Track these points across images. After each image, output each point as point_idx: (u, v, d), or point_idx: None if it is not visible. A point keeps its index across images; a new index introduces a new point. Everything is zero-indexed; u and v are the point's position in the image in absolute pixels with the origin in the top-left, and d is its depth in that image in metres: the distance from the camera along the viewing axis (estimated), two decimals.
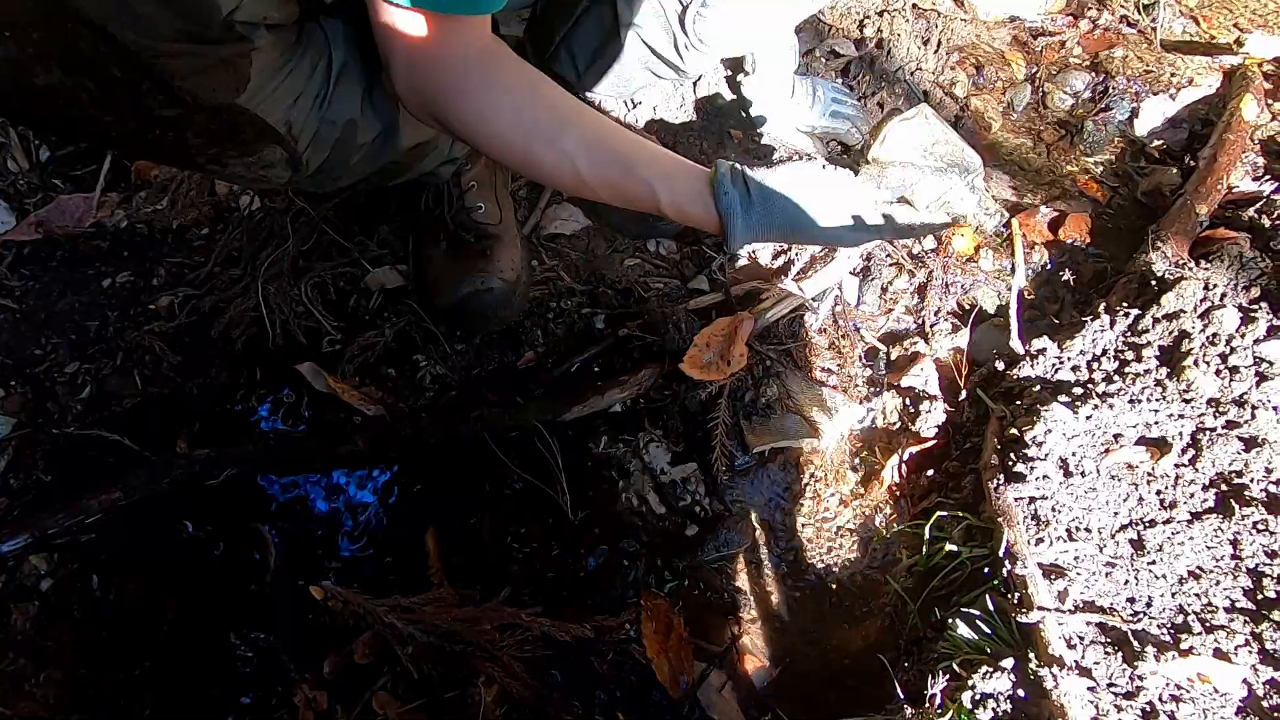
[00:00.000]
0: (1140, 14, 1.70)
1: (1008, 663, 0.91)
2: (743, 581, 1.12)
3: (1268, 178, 1.37)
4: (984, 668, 0.91)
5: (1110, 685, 0.88)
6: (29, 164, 1.43)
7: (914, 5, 1.63)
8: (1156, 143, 1.50)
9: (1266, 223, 1.25)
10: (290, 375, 1.22)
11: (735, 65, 1.38)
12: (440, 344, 1.25)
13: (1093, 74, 1.61)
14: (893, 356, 1.29)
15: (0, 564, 1.05)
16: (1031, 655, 0.91)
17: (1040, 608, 0.91)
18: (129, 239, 1.35)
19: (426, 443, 1.16)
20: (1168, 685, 0.88)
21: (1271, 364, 1.07)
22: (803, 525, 1.17)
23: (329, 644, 1.02)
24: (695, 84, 1.44)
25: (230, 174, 0.77)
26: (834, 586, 1.13)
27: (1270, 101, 1.49)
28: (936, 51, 1.57)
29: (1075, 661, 0.89)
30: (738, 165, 0.82)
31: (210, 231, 1.35)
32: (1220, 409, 1.06)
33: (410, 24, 0.72)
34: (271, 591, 1.08)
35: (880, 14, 1.58)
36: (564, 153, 0.79)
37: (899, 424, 1.24)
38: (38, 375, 1.20)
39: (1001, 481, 1.04)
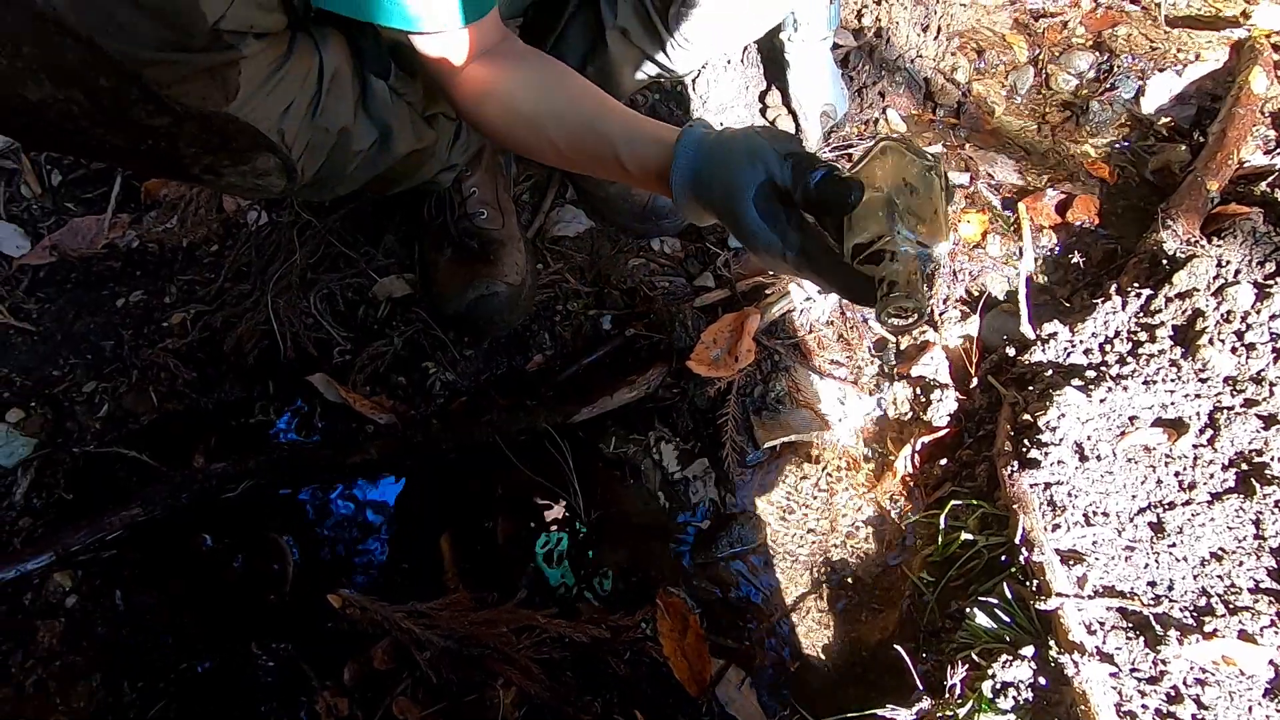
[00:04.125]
0: None
1: (1028, 650, 0.90)
2: (758, 577, 1.11)
3: (1279, 151, 1.35)
4: (1004, 656, 0.90)
5: (1133, 670, 0.87)
6: (41, 189, 1.45)
7: None
8: (1164, 120, 1.48)
9: (1279, 197, 1.23)
10: (302, 387, 1.23)
11: (775, 27, 1.31)
12: (449, 350, 1.25)
13: (1096, 53, 1.59)
14: (902, 346, 1.28)
15: (26, 582, 1.07)
16: (1052, 642, 0.90)
17: (1059, 594, 0.90)
18: (141, 258, 1.37)
19: (438, 449, 1.16)
20: (1192, 669, 0.86)
21: None
22: (816, 518, 1.16)
23: (348, 651, 1.02)
24: (694, 80, 1.44)
25: (227, 184, 0.78)
26: (850, 579, 1.12)
27: (1279, 73, 1.46)
28: (936, 38, 1.56)
29: (1096, 647, 0.88)
30: (713, 126, 0.74)
31: (219, 248, 1.37)
32: (1238, 387, 1.05)
33: (426, 46, 0.78)
34: (290, 601, 1.09)
35: (878, 2, 1.57)
36: (545, 135, 0.80)
37: (910, 414, 1.23)
38: (57, 395, 1.22)
39: (1016, 468, 1.03)
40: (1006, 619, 0.95)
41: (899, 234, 0.65)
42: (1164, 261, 1.17)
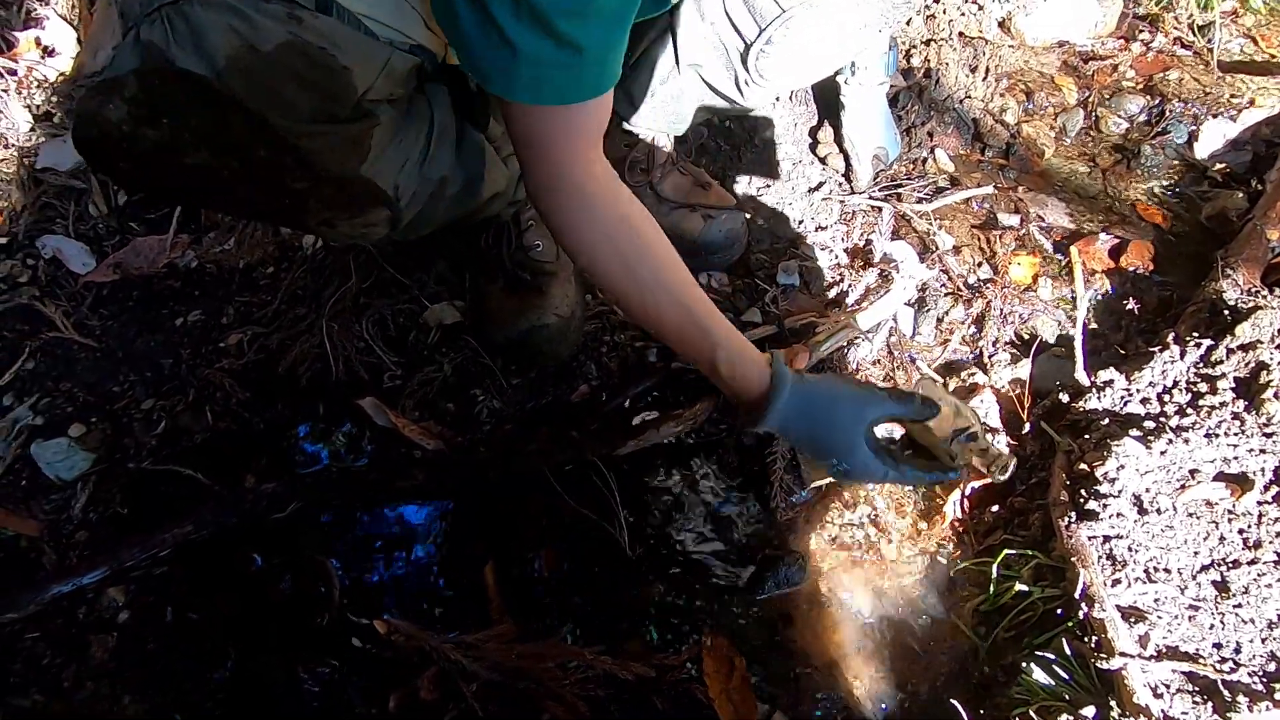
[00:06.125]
0: (1195, 35, 1.67)
1: (1089, 711, 0.88)
2: (804, 620, 1.10)
3: None
4: (1064, 715, 0.88)
5: None
6: (107, 208, 1.50)
7: (960, 33, 1.63)
8: (1219, 166, 1.47)
9: None
10: (352, 410, 1.25)
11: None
12: (497, 378, 1.27)
13: (1147, 97, 1.58)
14: (950, 388, 1.27)
15: (80, 596, 1.09)
16: (1114, 703, 0.87)
17: (1122, 654, 0.88)
18: (199, 278, 1.41)
19: (485, 477, 1.17)
20: None
21: None
22: (865, 561, 1.15)
23: (393, 680, 1.02)
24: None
25: (337, 233, 0.82)
26: (898, 626, 1.10)
27: None
28: (985, 79, 1.56)
29: (1163, 711, 0.85)
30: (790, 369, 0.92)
31: (275, 270, 1.40)
32: None
33: (529, 132, 0.78)
34: (336, 624, 1.09)
35: (926, 43, 1.58)
36: (644, 288, 0.85)
37: None
38: (116, 411, 1.25)
39: (1073, 519, 1.01)
40: (1065, 676, 0.93)
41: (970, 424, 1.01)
42: (1225, 311, 1.16)
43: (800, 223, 1.42)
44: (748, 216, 1.38)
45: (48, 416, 1.24)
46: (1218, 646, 0.92)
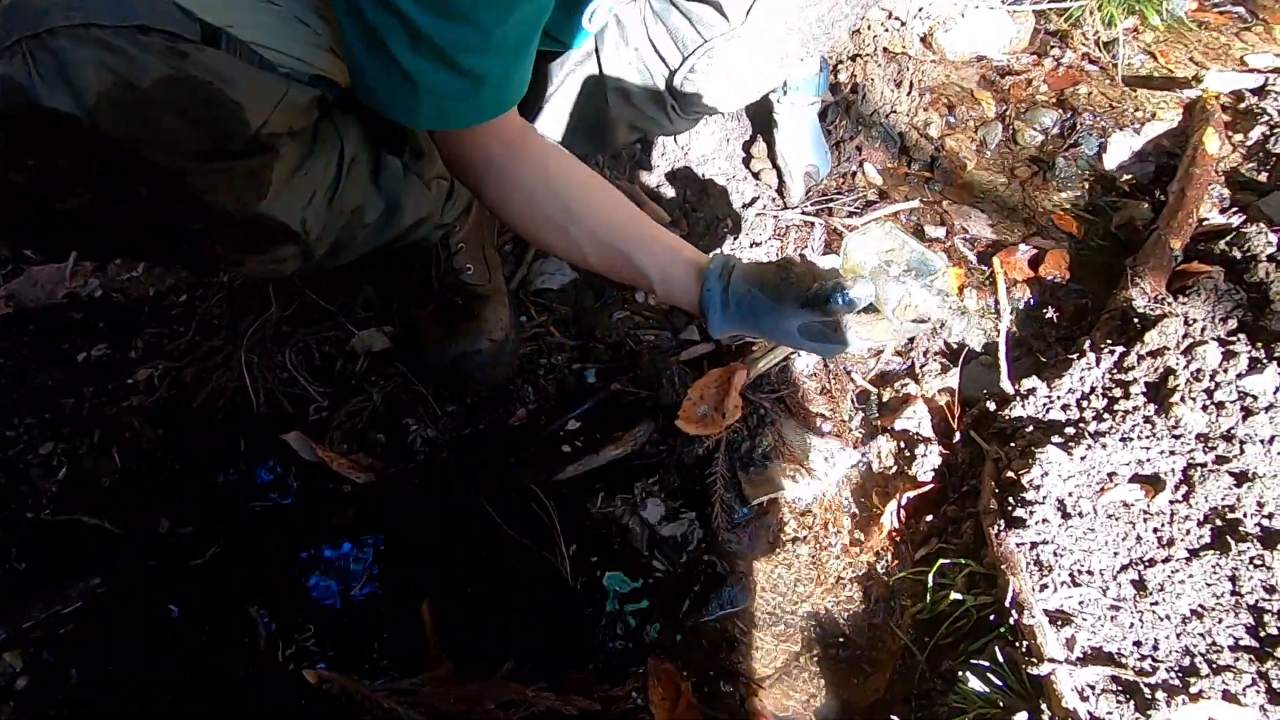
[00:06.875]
0: (1101, 51, 1.76)
1: (1021, 717, 0.90)
2: (749, 639, 1.10)
3: (1234, 210, 1.41)
4: None
5: None
6: None
7: (885, 49, 1.67)
8: (1126, 177, 1.54)
9: (1238, 255, 1.29)
10: (276, 446, 1.19)
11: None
12: (430, 406, 1.23)
13: (1060, 111, 1.65)
14: (884, 399, 1.29)
15: None
16: (1044, 707, 0.90)
17: (1051, 659, 0.91)
18: (104, 309, 1.32)
19: (419, 510, 1.13)
20: None
21: (1255, 398, 1.09)
22: (805, 576, 1.16)
23: None
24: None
25: (245, 270, 0.77)
26: (840, 639, 1.11)
27: (1230, 134, 1.54)
28: (909, 93, 1.61)
29: (1089, 713, 0.88)
30: (730, 260, 0.88)
31: (188, 298, 1.33)
32: (1209, 444, 1.08)
33: (441, 141, 0.82)
34: (263, 675, 1.04)
35: (853, 59, 1.61)
36: (573, 240, 0.86)
37: (895, 468, 1.24)
38: (10, 458, 1.16)
39: (1002, 527, 1.04)
40: (999, 683, 0.95)
41: (910, 290, 0.86)
42: (1135, 320, 1.21)
43: (735, 238, 1.43)
44: (684, 234, 1.38)
45: None
46: (1138, 645, 0.96)
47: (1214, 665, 0.93)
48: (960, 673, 0.97)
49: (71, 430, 1.18)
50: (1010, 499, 1.07)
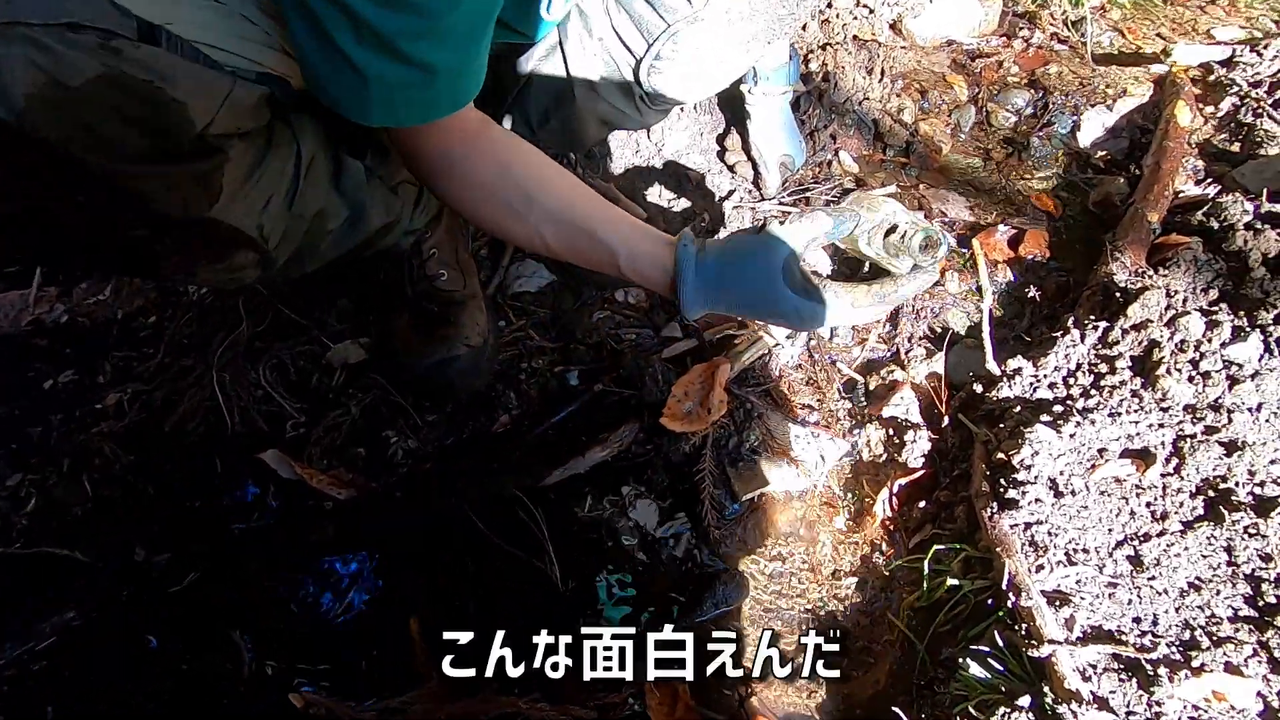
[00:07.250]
0: (1070, 30, 1.76)
1: (1024, 701, 0.89)
2: (744, 638, 1.08)
3: (1209, 180, 1.41)
4: (1001, 709, 0.88)
5: (1129, 714, 0.86)
6: None
7: (854, 36, 1.66)
8: (1100, 153, 1.54)
9: (1215, 225, 1.29)
10: (253, 465, 1.16)
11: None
12: (410, 416, 1.20)
13: (1031, 91, 1.65)
14: (871, 387, 1.28)
15: None
16: (1047, 690, 0.89)
17: (1050, 640, 0.90)
18: (70, 334, 1.29)
19: (403, 524, 1.10)
20: (1186, 707, 0.86)
21: (1241, 366, 1.08)
22: (800, 570, 1.14)
23: None
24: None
25: (199, 280, 0.75)
26: (838, 632, 1.09)
27: (1201, 106, 1.54)
28: (881, 80, 1.60)
29: (1092, 693, 0.87)
30: (698, 238, 0.86)
31: (158, 319, 1.30)
32: (1197, 415, 1.07)
33: (399, 139, 0.79)
34: (247, 702, 1.00)
35: (823, 48, 1.61)
36: (532, 227, 0.83)
37: (885, 456, 1.22)
38: None
39: (995, 510, 1.03)
40: (1000, 667, 0.93)
41: (893, 210, 0.91)
42: (1116, 294, 1.21)
43: (713, 233, 1.41)
44: (661, 229, 1.36)
45: None
46: (1137, 621, 0.94)
47: (1214, 637, 0.92)
48: (961, 659, 0.96)
49: (40, 460, 1.15)
50: (1002, 481, 1.05)
